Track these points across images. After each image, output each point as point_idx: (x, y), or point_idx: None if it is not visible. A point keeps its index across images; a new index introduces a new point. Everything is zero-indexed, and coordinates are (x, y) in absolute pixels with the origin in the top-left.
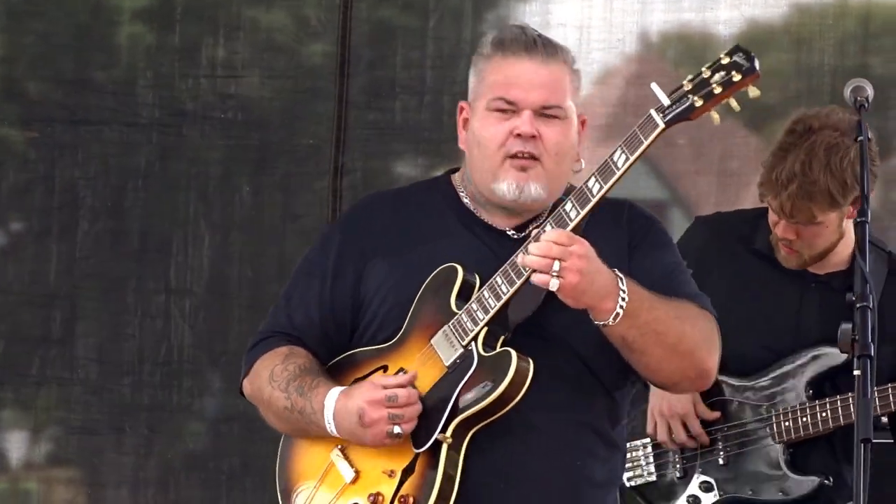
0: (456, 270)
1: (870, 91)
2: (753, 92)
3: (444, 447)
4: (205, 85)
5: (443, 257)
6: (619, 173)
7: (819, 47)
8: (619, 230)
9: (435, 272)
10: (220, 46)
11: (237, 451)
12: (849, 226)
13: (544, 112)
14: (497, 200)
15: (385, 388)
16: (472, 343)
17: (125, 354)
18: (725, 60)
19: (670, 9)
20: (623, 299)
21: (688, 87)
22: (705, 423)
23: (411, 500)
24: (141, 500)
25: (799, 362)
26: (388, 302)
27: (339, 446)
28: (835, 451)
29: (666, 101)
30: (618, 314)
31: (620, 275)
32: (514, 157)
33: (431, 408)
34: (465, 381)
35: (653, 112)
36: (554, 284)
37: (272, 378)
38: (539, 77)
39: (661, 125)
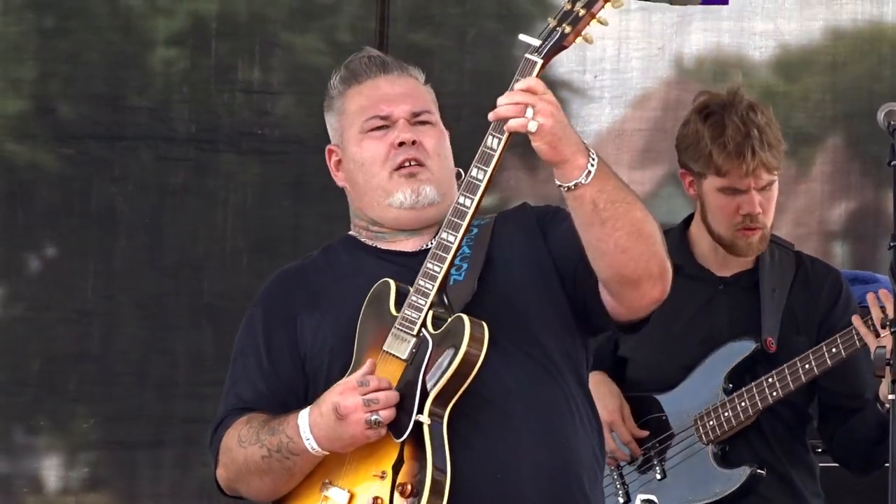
0: (388, 284)
1: None
2: (617, 3)
3: (426, 428)
4: (241, 101)
5: (365, 285)
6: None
7: (854, 70)
8: (525, 223)
9: (369, 293)
10: (255, 67)
11: None
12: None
13: (417, 119)
14: (393, 216)
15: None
16: (422, 329)
17: (162, 373)
18: None
19: (708, 18)
20: (593, 158)
21: (553, 22)
22: (637, 441)
23: (409, 487)
24: None
25: (711, 363)
26: (330, 343)
27: (325, 480)
28: (771, 447)
29: (536, 42)
30: (589, 172)
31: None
32: (399, 167)
33: (403, 399)
34: (427, 362)
35: (527, 55)
36: (532, 126)
37: (240, 442)
38: (401, 88)
39: (540, 60)
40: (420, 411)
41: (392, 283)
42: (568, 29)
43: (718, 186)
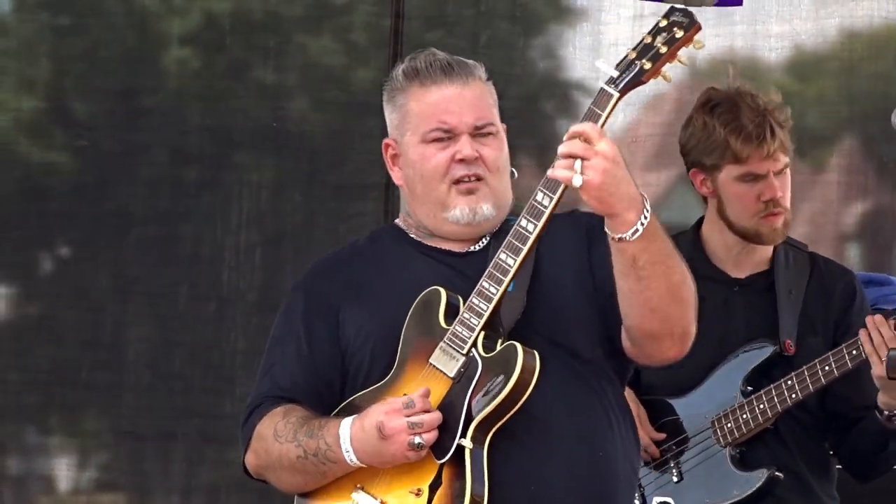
0: (438, 293)
1: None
2: (698, 45)
3: (468, 453)
4: (253, 104)
5: (412, 285)
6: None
7: (869, 72)
8: (575, 232)
9: (417, 299)
10: (269, 68)
11: None
12: None
13: (479, 132)
14: (448, 229)
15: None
16: (473, 349)
17: (175, 374)
18: (664, 23)
19: (721, 29)
20: (645, 217)
21: (633, 55)
22: (654, 444)
23: None
24: None
25: (729, 365)
26: (372, 341)
27: (357, 484)
28: (787, 446)
29: (614, 74)
30: (637, 230)
31: (645, 196)
32: (458, 182)
33: (446, 419)
34: (475, 384)
35: (603, 85)
36: (577, 181)
37: (276, 435)
38: (466, 99)
39: (616, 94)
40: (463, 435)
41: (443, 292)
42: (648, 65)
43: (736, 175)
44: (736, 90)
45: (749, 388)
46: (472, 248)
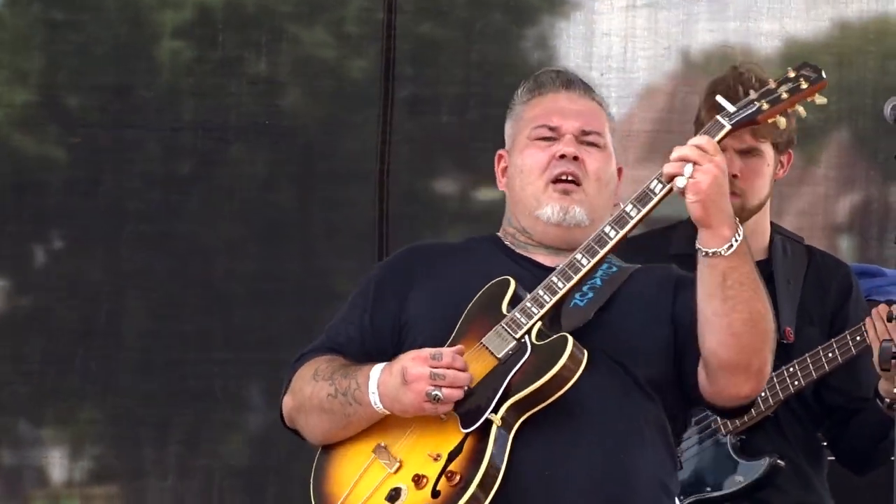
0: (508, 282)
1: None
2: (820, 99)
3: (494, 428)
4: (246, 96)
5: (486, 275)
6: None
7: (860, 64)
8: (664, 281)
9: (487, 285)
10: (262, 60)
11: (282, 463)
12: (766, 210)
13: (584, 139)
14: (540, 229)
15: (431, 355)
16: (526, 336)
17: (169, 365)
18: (792, 74)
19: (714, 18)
20: (739, 235)
21: (754, 95)
22: None
23: (458, 477)
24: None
25: None
26: (431, 314)
27: (380, 443)
28: (785, 435)
29: (731, 108)
30: (731, 245)
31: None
32: (556, 181)
33: (482, 392)
34: (519, 367)
35: (718, 116)
36: (681, 182)
37: (315, 374)
38: (578, 106)
39: (728, 126)
40: (495, 411)
41: (513, 282)
42: (765, 106)
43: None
44: (732, 70)
45: None
46: (552, 263)
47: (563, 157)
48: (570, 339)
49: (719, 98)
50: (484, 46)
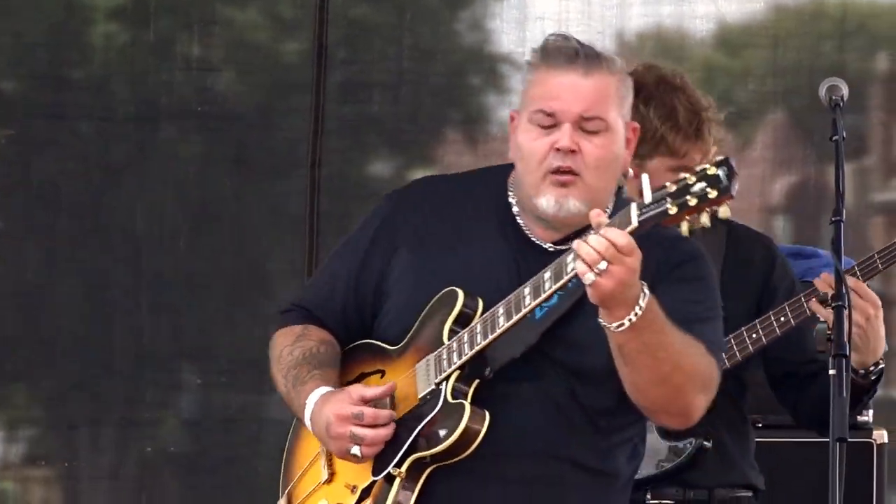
0: (455, 297)
1: (845, 90)
2: (724, 212)
3: (398, 481)
4: (180, 80)
5: (469, 267)
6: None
7: (795, 46)
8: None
9: (438, 296)
10: (195, 43)
11: (215, 446)
12: None
13: (584, 126)
14: (539, 214)
15: (362, 398)
16: (444, 383)
17: (103, 350)
18: (711, 171)
19: (648, 2)
20: (636, 314)
21: (670, 189)
22: None
23: None
24: (120, 496)
25: None
26: (402, 301)
27: (320, 449)
28: (712, 417)
29: (648, 198)
30: (622, 325)
31: (646, 291)
32: (554, 172)
33: (396, 437)
34: (426, 422)
35: (633, 206)
36: (589, 279)
37: (279, 359)
38: (579, 89)
39: (635, 224)
40: (399, 464)
41: (460, 299)
42: (672, 210)
43: (670, 166)
44: (667, 84)
45: None
46: (553, 246)
47: (559, 149)
48: (467, 413)
49: (644, 178)
50: (416, 30)
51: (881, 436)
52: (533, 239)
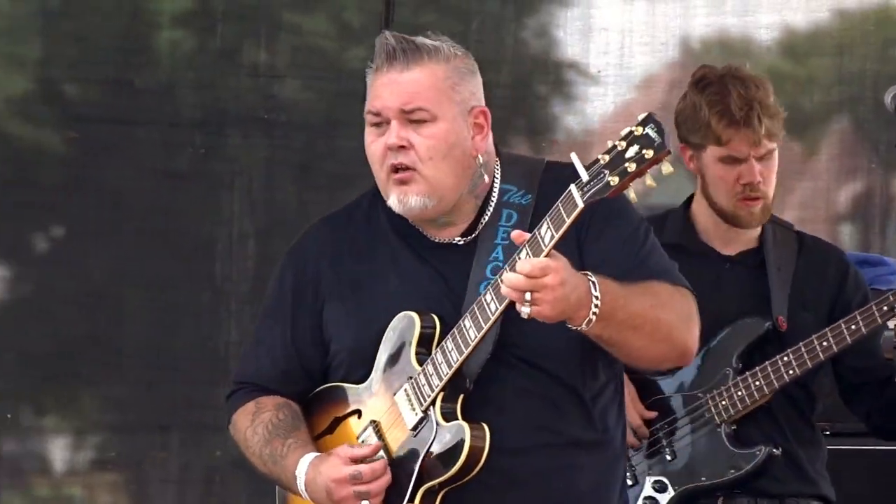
0: (413, 322)
1: None
2: (667, 168)
3: None
4: (246, 86)
5: (396, 295)
6: (546, 249)
7: (861, 53)
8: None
9: (392, 323)
10: (261, 50)
11: None
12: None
13: (410, 118)
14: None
15: (352, 459)
16: (431, 408)
17: (170, 355)
18: (638, 132)
19: (712, 13)
20: (596, 305)
21: (604, 160)
22: (645, 423)
23: None
24: (188, 502)
25: (721, 342)
26: (350, 343)
27: None
28: (781, 427)
29: (584, 177)
30: (590, 320)
31: (593, 279)
32: (394, 171)
33: (399, 473)
34: (426, 452)
35: (573, 188)
36: (525, 312)
37: (246, 444)
38: (397, 85)
39: (581, 205)
40: (412, 498)
41: (417, 322)
42: (614, 181)
43: (718, 156)
44: (730, 72)
45: (740, 364)
46: (462, 239)
47: (389, 148)
48: (467, 433)
49: (573, 157)
50: (483, 38)
51: None
52: (437, 240)
